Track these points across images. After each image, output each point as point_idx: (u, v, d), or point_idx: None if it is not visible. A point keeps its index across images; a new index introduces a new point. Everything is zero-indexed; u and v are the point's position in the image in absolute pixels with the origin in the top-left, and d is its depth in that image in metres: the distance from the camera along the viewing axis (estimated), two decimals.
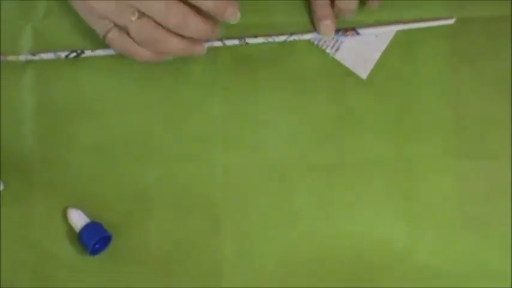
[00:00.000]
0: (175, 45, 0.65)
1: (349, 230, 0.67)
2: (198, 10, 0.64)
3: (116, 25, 0.65)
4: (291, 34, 0.70)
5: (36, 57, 0.69)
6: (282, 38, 0.70)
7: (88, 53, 0.69)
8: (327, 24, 0.69)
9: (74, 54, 0.69)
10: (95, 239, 0.66)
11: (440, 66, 0.70)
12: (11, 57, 0.69)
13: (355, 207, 0.68)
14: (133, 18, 0.64)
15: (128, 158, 0.69)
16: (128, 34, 0.65)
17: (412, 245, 0.67)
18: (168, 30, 0.64)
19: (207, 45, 0.68)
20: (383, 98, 0.70)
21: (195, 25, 0.64)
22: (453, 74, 0.70)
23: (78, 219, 0.67)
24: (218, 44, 0.69)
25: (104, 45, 0.67)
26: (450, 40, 0.70)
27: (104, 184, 0.68)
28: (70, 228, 0.67)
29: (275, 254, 0.67)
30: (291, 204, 0.68)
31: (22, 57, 0.69)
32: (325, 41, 0.71)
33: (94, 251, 0.66)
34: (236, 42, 0.70)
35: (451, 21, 0.70)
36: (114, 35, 0.65)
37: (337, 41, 0.70)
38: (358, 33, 0.70)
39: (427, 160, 0.68)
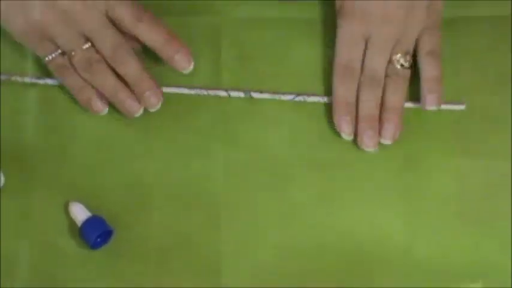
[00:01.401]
0: (111, 84, 0.66)
1: (348, 227, 0.68)
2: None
3: (60, 49, 0.66)
4: (298, 94, 0.69)
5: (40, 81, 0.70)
6: (288, 97, 0.69)
7: None
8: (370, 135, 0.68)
9: None
10: (96, 233, 0.66)
11: (442, 65, 0.70)
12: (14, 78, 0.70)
13: (354, 204, 0.68)
14: (84, 47, 0.66)
15: (129, 152, 0.69)
16: (70, 60, 0.66)
17: (411, 242, 0.67)
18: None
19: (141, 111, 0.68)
20: None
21: (133, 66, 0.66)
22: (454, 73, 0.70)
23: (79, 212, 0.67)
24: (223, 94, 0.69)
25: None
26: (451, 39, 0.70)
27: (105, 178, 0.68)
28: (71, 221, 0.67)
29: (275, 250, 0.67)
30: (290, 200, 0.68)
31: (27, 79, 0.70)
32: None
33: (95, 245, 0.66)
34: (241, 95, 0.69)
35: (462, 107, 0.69)
36: (59, 60, 0.67)
37: None
38: None
39: (427, 158, 0.69)
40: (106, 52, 0.65)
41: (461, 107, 0.69)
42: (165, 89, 0.68)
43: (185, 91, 0.69)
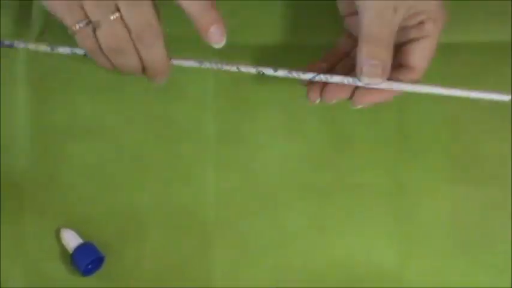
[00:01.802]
0: (133, 69, 0.61)
1: (340, 253, 0.68)
2: None
3: (87, 18, 0.59)
4: (318, 74, 0.62)
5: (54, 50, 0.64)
6: (307, 76, 0.62)
7: None
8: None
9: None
10: (87, 260, 0.66)
11: None
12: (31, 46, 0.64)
13: (346, 230, 0.68)
14: (111, 17, 0.58)
15: (121, 179, 0.69)
16: (94, 33, 0.59)
17: (404, 269, 0.67)
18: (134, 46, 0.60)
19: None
20: (375, 122, 0.70)
21: (158, 54, 0.60)
22: (448, 98, 0.70)
23: (71, 239, 0.67)
24: (233, 68, 0.63)
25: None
26: (444, 63, 0.70)
27: (96, 204, 0.68)
28: (63, 248, 0.67)
29: (266, 275, 0.67)
30: (282, 226, 0.68)
31: (42, 47, 0.64)
32: None
33: (86, 272, 0.66)
34: (252, 70, 0.63)
35: (507, 98, 0.61)
36: (88, 30, 0.59)
37: None
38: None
39: (421, 184, 0.69)
40: (133, 28, 0.58)
41: (507, 97, 0.61)
42: (174, 61, 0.62)
43: (194, 64, 0.63)
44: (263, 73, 0.62)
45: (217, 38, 0.59)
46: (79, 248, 0.66)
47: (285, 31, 0.71)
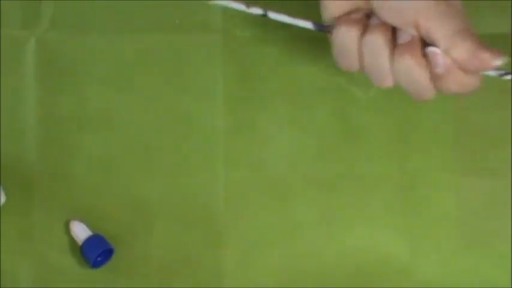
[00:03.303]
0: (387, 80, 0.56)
1: (349, 245, 0.68)
2: None
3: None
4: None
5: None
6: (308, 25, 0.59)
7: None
8: None
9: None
10: (97, 252, 0.66)
11: None
12: None
13: (355, 222, 0.68)
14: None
15: (130, 170, 0.69)
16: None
17: (411, 261, 0.67)
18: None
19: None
20: (384, 113, 0.70)
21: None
22: None
23: (80, 231, 0.67)
24: (242, 7, 0.59)
25: None
26: None
27: (106, 196, 0.68)
28: (72, 240, 0.67)
29: (276, 268, 0.67)
30: (291, 218, 0.68)
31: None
32: None
33: (96, 264, 0.66)
34: (259, 11, 0.59)
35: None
36: (351, 28, 0.55)
37: None
38: None
39: (428, 176, 0.69)
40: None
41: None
42: None
43: None
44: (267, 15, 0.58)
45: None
46: (88, 240, 0.66)
47: None
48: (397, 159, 0.69)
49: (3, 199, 0.67)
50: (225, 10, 0.62)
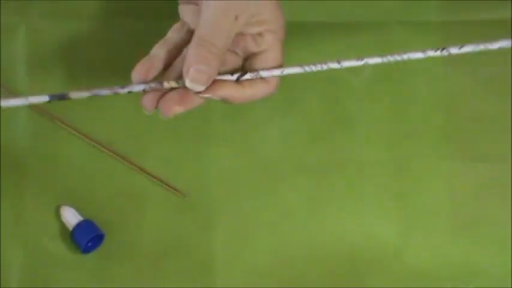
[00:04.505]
0: None
1: (340, 230, 0.68)
2: None
3: None
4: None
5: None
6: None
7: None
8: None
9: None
10: (87, 237, 0.66)
11: (433, 68, 0.70)
12: None
13: (346, 207, 0.68)
14: None
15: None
16: None
17: (402, 245, 0.67)
18: None
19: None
20: (375, 100, 0.70)
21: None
22: (445, 76, 0.70)
23: (71, 217, 0.67)
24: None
25: None
26: (443, 42, 0.70)
27: (96, 182, 0.68)
28: (62, 226, 0.67)
29: (267, 253, 0.67)
30: (282, 202, 0.68)
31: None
32: None
33: (86, 250, 0.66)
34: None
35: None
36: None
37: None
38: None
39: (419, 161, 0.69)
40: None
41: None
42: None
43: None
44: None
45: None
46: (79, 226, 0.66)
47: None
48: (388, 145, 0.69)
49: None
50: None
